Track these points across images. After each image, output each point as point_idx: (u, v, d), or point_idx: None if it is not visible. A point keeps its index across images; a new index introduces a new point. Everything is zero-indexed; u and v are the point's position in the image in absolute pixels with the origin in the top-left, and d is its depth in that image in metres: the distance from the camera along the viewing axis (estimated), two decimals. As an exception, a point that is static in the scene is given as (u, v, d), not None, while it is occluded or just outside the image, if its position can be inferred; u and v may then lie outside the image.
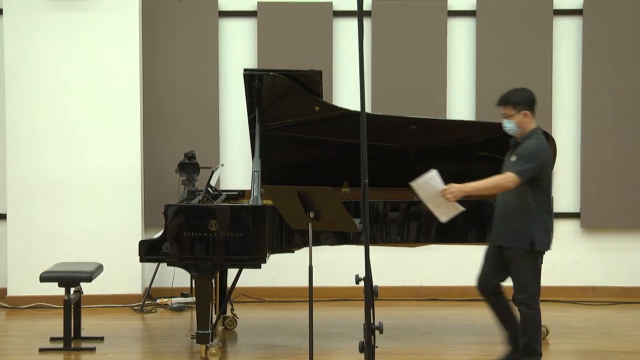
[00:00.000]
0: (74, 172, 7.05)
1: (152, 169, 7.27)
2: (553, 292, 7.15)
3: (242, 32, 7.41)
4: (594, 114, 7.36)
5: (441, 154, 6.04)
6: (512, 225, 4.98)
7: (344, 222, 4.70)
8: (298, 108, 5.79)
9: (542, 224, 4.98)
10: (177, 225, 5.38)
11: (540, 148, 4.95)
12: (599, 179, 7.35)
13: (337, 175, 6.11)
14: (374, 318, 3.89)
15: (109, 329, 6.26)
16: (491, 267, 5.17)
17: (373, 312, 3.89)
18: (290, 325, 6.29)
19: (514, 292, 5.07)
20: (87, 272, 5.73)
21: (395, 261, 7.23)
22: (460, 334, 6.23)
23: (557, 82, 7.41)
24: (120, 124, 7.07)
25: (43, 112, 7.06)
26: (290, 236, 5.48)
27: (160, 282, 7.17)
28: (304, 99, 5.76)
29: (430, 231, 5.72)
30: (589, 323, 6.55)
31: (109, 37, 7.04)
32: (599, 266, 7.46)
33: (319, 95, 5.79)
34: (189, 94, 7.31)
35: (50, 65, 7.05)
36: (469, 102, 7.42)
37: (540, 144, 4.98)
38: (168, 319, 6.79)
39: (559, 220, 7.14)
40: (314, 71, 5.73)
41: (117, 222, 7.06)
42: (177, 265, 5.54)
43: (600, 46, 7.33)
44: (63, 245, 6.98)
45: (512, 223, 4.99)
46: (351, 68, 7.29)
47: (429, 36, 7.34)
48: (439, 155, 6.03)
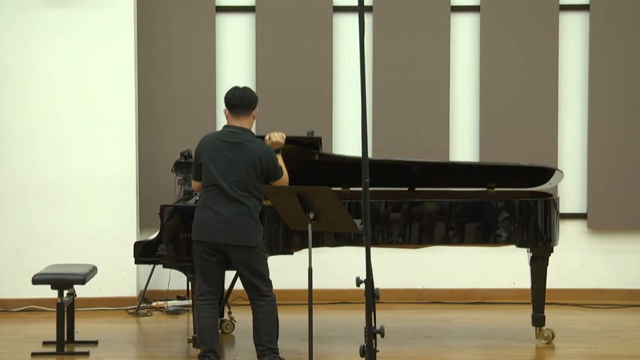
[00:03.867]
0: (67, 172, 7.05)
1: (147, 168, 7.27)
2: (559, 294, 7.14)
3: (240, 27, 7.40)
4: (601, 112, 7.34)
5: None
6: None
7: (345, 223, 4.70)
8: (298, 155, 5.76)
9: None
10: (173, 226, 5.39)
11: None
12: (606, 178, 7.34)
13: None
14: (375, 321, 3.89)
15: (103, 333, 6.25)
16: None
17: (374, 315, 3.89)
18: (289, 329, 6.28)
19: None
20: (80, 274, 5.74)
21: (397, 263, 7.22)
22: (464, 338, 6.23)
23: (564, 79, 7.40)
24: (115, 122, 7.07)
25: (36, 111, 7.05)
26: (289, 237, 5.50)
27: (155, 285, 7.17)
28: (303, 153, 5.79)
29: (433, 232, 5.74)
30: (595, 327, 6.55)
31: (103, 33, 7.04)
32: (606, 268, 7.45)
33: (318, 149, 5.83)
34: (185, 91, 7.31)
35: (43, 62, 7.04)
36: (473, 100, 7.42)
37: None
38: (164, 322, 6.79)
39: (565, 221, 7.14)
40: (313, 137, 5.75)
41: (111, 223, 7.06)
42: (173, 267, 5.56)
43: (608, 42, 7.33)
44: (56, 246, 6.98)
45: None
46: (352, 65, 7.29)
47: (432, 32, 7.33)
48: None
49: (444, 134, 7.35)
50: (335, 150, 7.26)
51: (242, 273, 5.20)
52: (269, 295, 5.22)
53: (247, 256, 5.12)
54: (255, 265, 5.15)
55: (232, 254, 5.11)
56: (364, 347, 3.88)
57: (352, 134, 7.16)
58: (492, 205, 5.78)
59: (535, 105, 7.33)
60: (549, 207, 5.81)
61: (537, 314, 5.88)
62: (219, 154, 5.10)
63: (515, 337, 6.13)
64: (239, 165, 5.06)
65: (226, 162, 5.07)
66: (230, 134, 5.14)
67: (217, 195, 5.08)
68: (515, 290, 7.17)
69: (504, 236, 5.79)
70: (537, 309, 5.88)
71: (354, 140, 7.09)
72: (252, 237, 5.11)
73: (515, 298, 7.08)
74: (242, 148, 5.09)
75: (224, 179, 5.06)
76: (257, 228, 5.15)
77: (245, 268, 5.15)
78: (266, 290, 5.21)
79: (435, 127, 7.33)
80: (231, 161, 5.07)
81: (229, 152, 5.09)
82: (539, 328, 5.91)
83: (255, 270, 5.16)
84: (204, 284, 5.18)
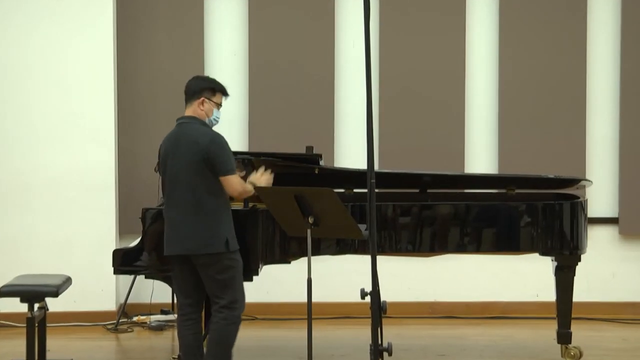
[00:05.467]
0: (37, 172, 7.05)
1: (127, 167, 7.26)
2: (587, 308, 7.13)
3: (231, 14, 7.41)
4: (634, 106, 7.35)
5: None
6: None
7: (348, 228, 4.70)
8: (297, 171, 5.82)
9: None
10: (156, 232, 5.36)
11: None
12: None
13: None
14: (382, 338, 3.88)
15: (79, 351, 6.26)
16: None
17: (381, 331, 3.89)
18: (286, 346, 6.29)
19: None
20: (53, 285, 5.70)
21: (407, 273, 7.23)
22: (481, 357, 6.22)
23: (592, 71, 7.40)
24: (91, 117, 7.07)
25: (4, 105, 7.05)
26: (286, 244, 5.48)
27: (137, 298, 7.16)
28: (303, 168, 5.83)
29: (447, 239, 5.72)
30: (627, 344, 6.55)
31: (78, 18, 7.03)
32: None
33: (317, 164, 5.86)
34: (171, 83, 7.26)
35: (10, 50, 7.04)
36: (491, 94, 7.41)
37: None
38: (146, 339, 6.78)
39: (594, 227, 7.14)
40: (313, 154, 5.79)
41: (87, 229, 7.06)
42: (157, 277, 5.56)
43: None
44: (25, 255, 6.97)
45: None
46: (356, 52, 7.28)
47: (445, 16, 7.33)
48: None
49: (459, 131, 7.35)
50: (338, 147, 7.30)
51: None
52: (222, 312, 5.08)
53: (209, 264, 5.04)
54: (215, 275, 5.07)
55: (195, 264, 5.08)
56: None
57: (356, 128, 7.20)
58: (513, 209, 5.76)
59: (561, 99, 7.34)
60: (576, 211, 5.78)
61: (562, 330, 5.85)
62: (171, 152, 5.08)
63: (539, 355, 6.13)
64: (181, 159, 5.01)
65: (173, 161, 5.06)
66: (177, 126, 5.13)
67: (168, 200, 5.09)
68: (538, 304, 7.18)
69: (526, 243, 5.75)
70: (563, 325, 5.85)
71: (358, 133, 7.12)
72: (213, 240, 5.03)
73: (538, 312, 7.09)
74: (182, 137, 5.04)
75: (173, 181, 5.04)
76: (215, 229, 5.01)
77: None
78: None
79: (450, 122, 7.33)
80: (175, 156, 5.04)
81: (173, 147, 5.07)
82: (565, 346, 5.89)
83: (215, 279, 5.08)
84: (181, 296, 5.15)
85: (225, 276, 5.00)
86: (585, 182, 6.21)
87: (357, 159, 6.83)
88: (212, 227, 4.96)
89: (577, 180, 6.24)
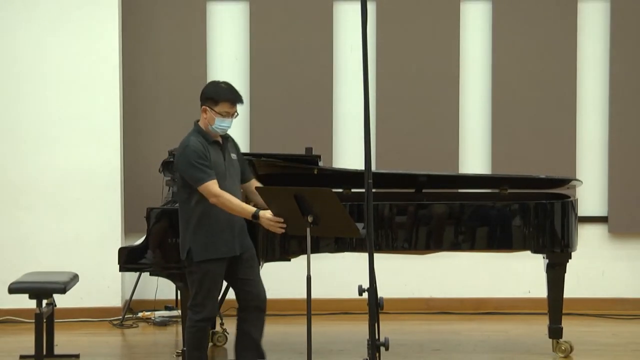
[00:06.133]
0: (45, 172, 7.06)
1: (133, 168, 7.28)
2: (577, 304, 7.15)
3: (232, 20, 7.41)
4: (623, 107, 7.36)
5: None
6: None
7: (346, 227, 4.70)
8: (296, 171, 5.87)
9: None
10: (160, 231, 5.39)
11: None
12: (629, 178, 7.35)
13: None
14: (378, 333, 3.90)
15: (85, 346, 6.26)
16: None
17: (378, 326, 3.90)
18: (286, 341, 6.29)
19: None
20: (60, 282, 5.73)
21: (403, 270, 7.22)
22: (475, 352, 6.23)
23: (582, 73, 7.42)
24: (98, 118, 7.08)
25: (13, 106, 7.07)
26: (285, 243, 5.51)
27: (142, 294, 7.18)
28: (302, 168, 5.87)
29: (442, 237, 5.75)
30: (617, 339, 6.55)
31: (86, 24, 7.06)
32: (629, 276, 7.46)
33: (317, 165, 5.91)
34: (174, 85, 7.31)
35: (19, 54, 7.06)
36: (485, 96, 7.43)
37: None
38: (151, 334, 6.79)
39: (584, 225, 7.14)
40: (312, 155, 5.84)
41: (93, 228, 7.07)
42: (161, 275, 5.55)
43: (630, 33, 7.33)
44: (34, 253, 6.98)
45: None
46: (353, 56, 7.29)
47: (440, 21, 7.35)
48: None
49: (454, 133, 7.36)
50: (336, 149, 7.32)
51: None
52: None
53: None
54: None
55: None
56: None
57: (354, 130, 7.22)
58: (506, 208, 5.79)
59: (552, 101, 7.35)
60: (566, 210, 5.82)
61: (554, 325, 5.89)
62: None
63: (531, 350, 6.13)
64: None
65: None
66: None
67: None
68: (530, 300, 7.20)
69: (518, 241, 5.79)
70: (554, 320, 5.88)
71: (355, 135, 7.13)
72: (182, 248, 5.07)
73: (530, 308, 7.10)
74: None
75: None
76: (184, 238, 5.05)
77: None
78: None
79: (445, 123, 7.35)
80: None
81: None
82: (556, 341, 5.92)
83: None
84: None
85: (192, 279, 5.02)
86: (575, 182, 6.25)
87: (355, 160, 6.89)
88: (183, 235, 5.03)
89: (568, 180, 6.28)
